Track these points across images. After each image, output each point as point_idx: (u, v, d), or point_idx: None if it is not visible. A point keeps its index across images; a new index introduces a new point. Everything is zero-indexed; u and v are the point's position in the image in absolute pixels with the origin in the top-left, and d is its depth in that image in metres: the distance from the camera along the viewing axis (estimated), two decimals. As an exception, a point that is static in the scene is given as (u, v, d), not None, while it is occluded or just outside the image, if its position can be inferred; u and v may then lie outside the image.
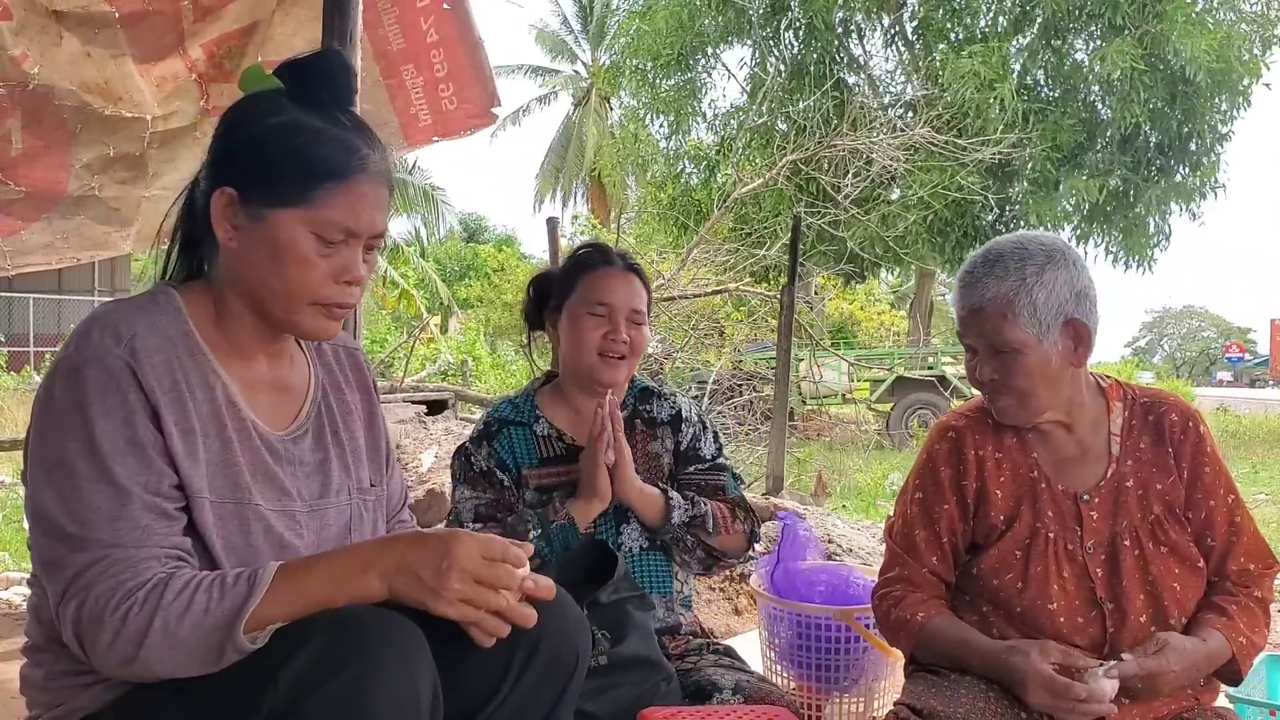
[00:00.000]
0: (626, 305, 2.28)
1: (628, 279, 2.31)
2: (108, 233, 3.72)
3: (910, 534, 2.01)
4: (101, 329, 1.38)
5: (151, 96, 3.23)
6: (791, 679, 2.63)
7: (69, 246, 3.78)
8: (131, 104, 3.19)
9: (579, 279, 2.31)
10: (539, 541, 2.16)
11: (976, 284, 1.86)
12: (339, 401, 1.67)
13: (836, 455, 12.97)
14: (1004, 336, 1.83)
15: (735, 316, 11.06)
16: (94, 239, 3.75)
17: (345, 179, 1.44)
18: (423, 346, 16.31)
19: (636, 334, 2.29)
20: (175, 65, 3.23)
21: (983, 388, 1.93)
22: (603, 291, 2.28)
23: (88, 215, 3.60)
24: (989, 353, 1.87)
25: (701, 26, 18.48)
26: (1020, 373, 1.86)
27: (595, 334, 2.25)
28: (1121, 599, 1.86)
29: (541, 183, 38.38)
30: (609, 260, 2.33)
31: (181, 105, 3.35)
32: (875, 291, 30.54)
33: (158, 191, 3.56)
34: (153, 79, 3.21)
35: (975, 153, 13.08)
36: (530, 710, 1.51)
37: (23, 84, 2.99)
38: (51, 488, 1.33)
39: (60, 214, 3.57)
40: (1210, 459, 1.93)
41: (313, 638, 1.26)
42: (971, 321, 1.87)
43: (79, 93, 3.08)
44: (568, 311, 2.30)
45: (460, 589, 1.33)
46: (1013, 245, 1.87)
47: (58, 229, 3.64)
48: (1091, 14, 17.25)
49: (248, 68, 1.55)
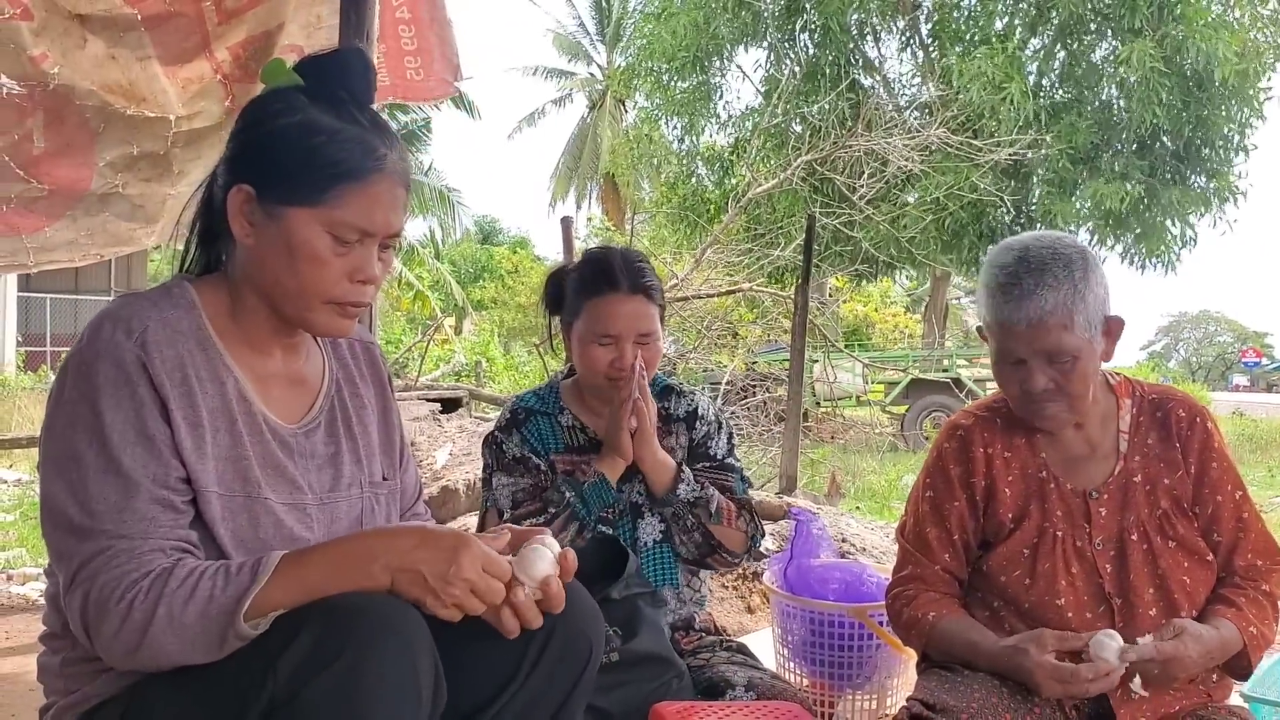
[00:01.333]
0: (633, 331, 2.23)
1: (634, 303, 2.24)
2: (132, 229, 3.73)
3: (922, 532, 2.01)
4: (114, 323, 1.39)
5: (176, 97, 3.23)
6: (804, 676, 2.63)
7: (93, 243, 3.79)
8: (155, 105, 3.20)
9: (584, 305, 2.26)
10: (575, 501, 2.19)
11: (1029, 296, 1.79)
12: (353, 395, 1.67)
13: (850, 457, 12.93)
14: (1064, 345, 1.80)
15: (749, 317, 11.04)
16: (118, 235, 3.76)
17: (362, 179, 1.44)
18: (437, 348, 16.35)
19: (647, 352, 2.26)
20: (202, 67, 3.25)
21: (1032, 397, 1.86)
22: (608, 323, 2.23)
23: (112, 212, 3.61)
24: (1043, 362, 1.83)
25: (717, 29, 18.48)
26: (1078, 378, 1.84)
27: (602, 361, 2.24)
28: (1130, 593, 1.86)
29: (556, 184, 38.42)
30: (614, 284, 2.24)
31: (206, 105, 3.36)
32: (890, 294, 30.47)
33: (184, 189, 3.56)
34: (178, 80, 3.22)
35: (990, 154, 13.04)
36: (544, 701, 1.52)
37: (43, 84, 3.00)
38: (61, 479, 1.34)
39: (84, 211, 3.58)
40: (1218, 454, 1.93)
41: (311, 625, 1.26)
42: (1029, 335, 1.81)
43: (101, 93, 3.08)
44: (575, 335, 2.28)
45: (458, 595, 1.33)
46: (1049, 251, 1.82)
47: (82, 226, 3.64)
48: (1108, 16, 17.20)
49: (269, 61, 1.55)
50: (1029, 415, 1.91)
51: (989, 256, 1.91)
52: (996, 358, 1.89)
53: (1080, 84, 17.98)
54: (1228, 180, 17.63)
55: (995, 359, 1.90)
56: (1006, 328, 1.83)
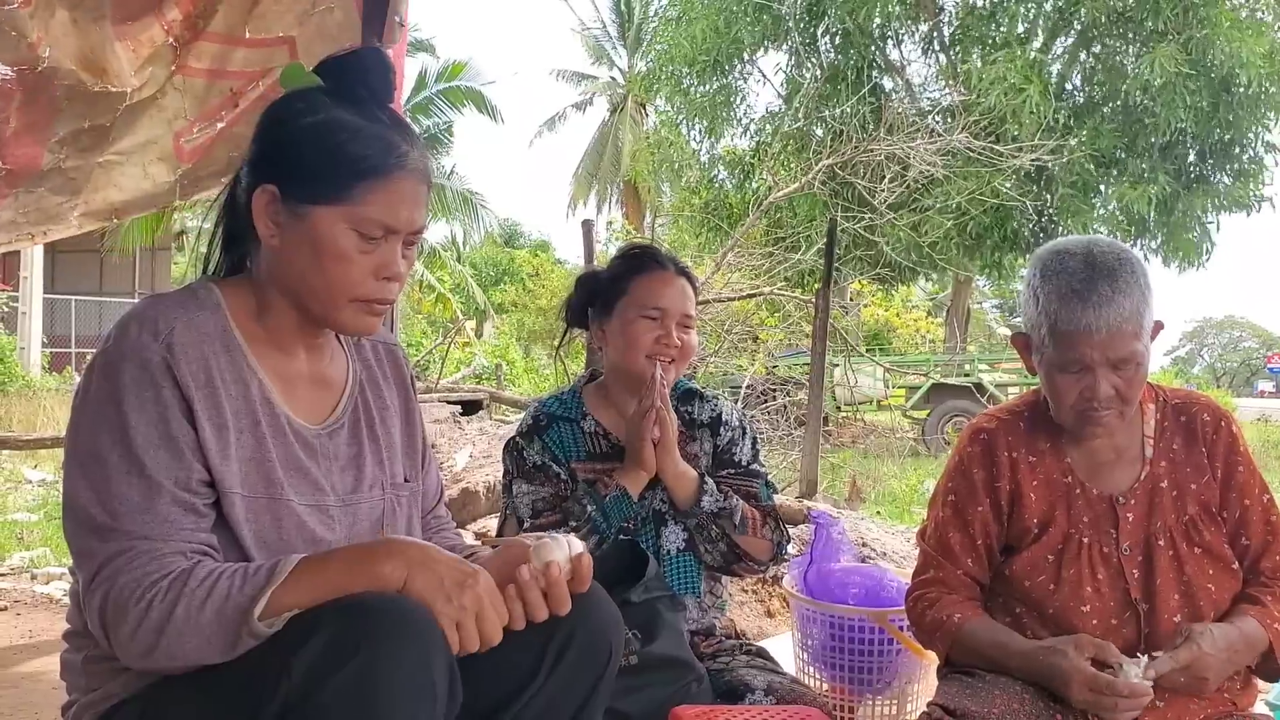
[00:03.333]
0: (679, 309, 2.28)
1: (680, 283, 2.32)
2: (60, 204, 3.61)
3: (944, 536, 1.99)
4: (140, 324, 1.40)
5: (129, 64, 3.16)
6: (824, 680, 2.62)
7: (27, 221, 3.68)
8: (114, 76, 3.12)
9: (631, 281, 2.31)
10: (596, 515, 2.19)
11: (1107, 303, 1.76)
12: (376, 397, 1.68)
13: (871, 462, 12.88)
14: (1132, 351, 1.79)
15: (769, 322, 11.03)
16: (48, 211, 3.64)
17: (384, 176, 1.45)
18: (458, 350, 16.39)
19: (687, 338, 2.30)
20: (152, 27, 3.16)
21: (1092, 406, 1.83)
22: (657, 296, 2.28)
23: (47, 187, 3.51)
24: (1108, 370, 1.80)
25: (738, 33, 18.46)
26: (1137, 384, 1.83)
27: (648, 337, 2.26)
28: (1156, 599, 1.84)
29: (576, 188, 38.46)
30: (661, 264, 2.33)
31: (154, 71, 3.28)
32: (911, 298, 30.35)
33: (110, 157, 3.47)
34: (128, 43, 3.13)
35: (1013, 159, 12.98)
36: (563, 703, 1.52)
37: (33, 67, 2.94)
38: (85, 479, 1.35)
39: (26, 188, 3.48)
40: (1244, 459, 1.92)
41: (326, 625, 1.27)
42: (1105, 342, 1.77)
43: (76, 71, 3.02)
44: (620, 314, 2.30)
45: (467, 611, 1.34)
46: (1115, 257, 1.80)
47: (21, 203, 3.55)
48: (1132, 19, 17.09)
49: (287, 65, 1.56)
50: (1081, 423, 1.87)
51: (1045, 263, 1.85)
52: (1057, 366, 1.83)
53: (1104, 87, 17.87)
54: (1258, 179, 17.47)
55: (1053, 367, 1.84)
56: (1079, 335, 1.78)
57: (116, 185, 3.54)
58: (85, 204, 3.60)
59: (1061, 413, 1.89)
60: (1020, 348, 1.95)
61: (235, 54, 3.29)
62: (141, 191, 3.59)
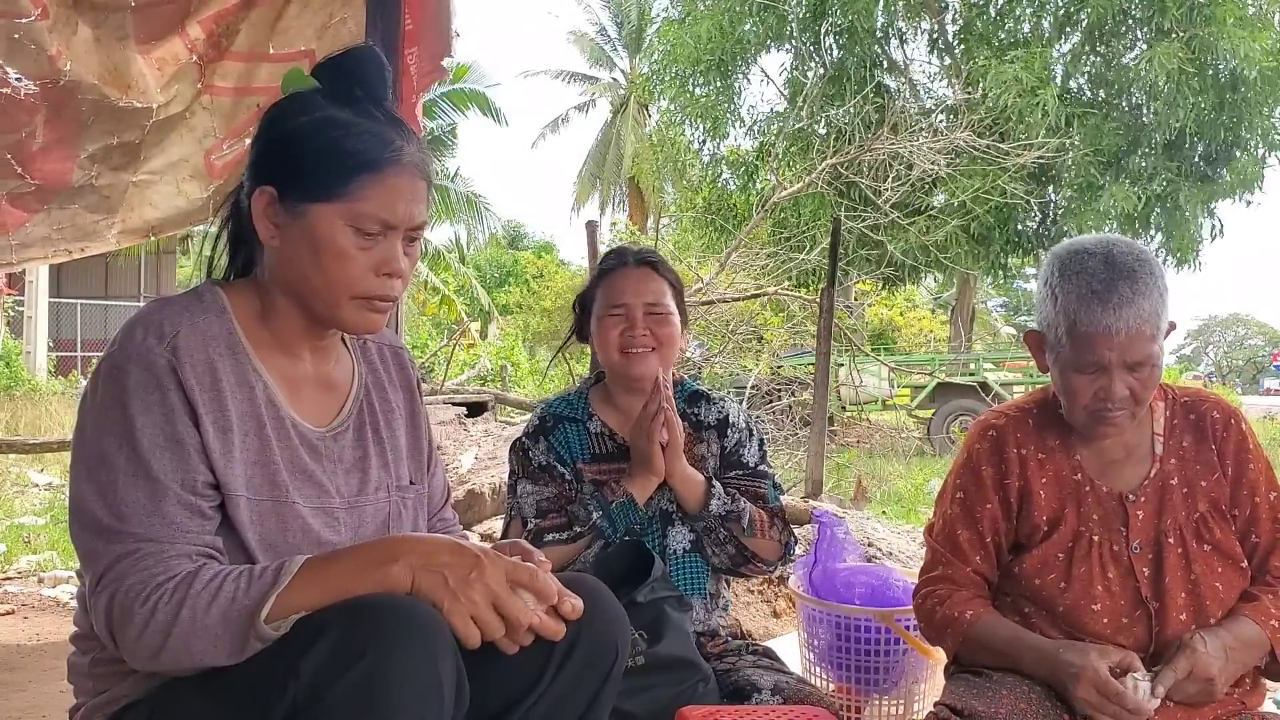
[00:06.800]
0: (640, 300, 2.29)
1: (641, 273, 2.33)
2: (96, 221, 3.69)
3: (952, 534, 1.99)
4: (145, 328, 1.40)
5: (154, 82, 3.22)
6: (830, 680, 2.62)
7: (63, 238, 3.76)
8: (139, 92, 3.18)
9: (599, 286, 2.36)
10: (602, 521, 2.19)
11: (1128, 304, 1.75)
12: (381, 399, 1.68)
13: (877, 461, 12.86)
14: (1149, 352, 1.78)
15: (774, 321, 11.02)
16: (84, 229, 3.72)
17: (379, 171, 1.46)
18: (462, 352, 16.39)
19: (659, 327, 2.29)
20: (175, 46, 3.23)
21: (1107, 406, 1.82)
22: (618, 292, 2.31)
23: (82, 204, 3.59)
24: (1124, 370, 1.79)
25: (742, 33, 18.45)
26: (1151, 384, 1.82)
27: (614, 333, 2.29)
28: (1164, 597, 1.84)
29: (579, 189, 38.47)
30: (623, 260, 2.37)
31: (180, 89, 3.35)
32: (915, 298, 30.31)
33: (144, 176, 3.55)
34: (153, 61, 3.20)
35: (1017, 157, 12.96)
36: (569, 703, 1.51)
37: (55, 81, 2.99)
38: (91, 481, 1.36)
39: (59, 204, 3.56)
40: (1254, 456, 1.91)
41: (333, 626, 1.27)
42: (1124, 343, 1.76)
43: (100, 85, 3.08)
44: (594, 318, 2.36)
45: (478, 604, 1.33)
46: (1133, 258, 1.79)
47: (55, 220, 3.62)
48: (1137, 18, 17.05)
49: (289, 70, 1.57)
50: (1093, 423, 1.86)
51: (1063, 262, 1.84)
52: (1072, 366, 1.82)
53: (1108, 86, 17.83)
54: (1258, 172, 17.41)
55: (1068, 367, 1.83)
56: (1098, 336, 1.77)
57: (151, 203, 3.63)
58: (123, 222, 3.69)
59: (1074, 412, 1.88)
60: (1033, 345, 1.93)
61: (260, 70, 3.37)
62: (176, 209, 3.69)
